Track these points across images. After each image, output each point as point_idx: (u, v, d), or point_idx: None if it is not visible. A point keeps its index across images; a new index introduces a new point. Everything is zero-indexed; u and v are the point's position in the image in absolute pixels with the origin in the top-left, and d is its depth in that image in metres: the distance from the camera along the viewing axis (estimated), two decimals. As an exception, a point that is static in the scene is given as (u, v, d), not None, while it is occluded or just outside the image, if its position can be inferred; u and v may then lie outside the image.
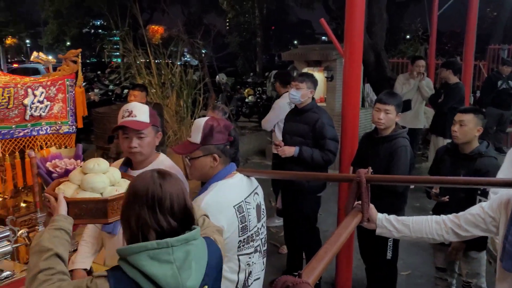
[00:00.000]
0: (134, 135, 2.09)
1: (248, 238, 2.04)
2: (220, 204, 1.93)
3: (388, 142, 3.12)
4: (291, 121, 3.80)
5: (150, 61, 6.80)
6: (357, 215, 1.98)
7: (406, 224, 1.95)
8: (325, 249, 1.60)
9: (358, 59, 3.40)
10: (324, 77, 7.26)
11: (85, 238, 2.28)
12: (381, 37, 8.12)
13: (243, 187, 2.09)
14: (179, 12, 19.01)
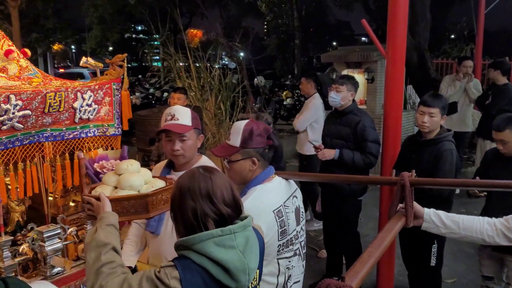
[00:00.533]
0: (176, 138, 2.11)
1: (287, 242, 2.03)
2: (259, 209, 1.92)
3: (432, 146, 3.03)
4: (332, 123, 3.76)
5: (189, 64, 6.92)
6: (401, 219, 1.93)
7: (456, 221, 1.89)
8: (369, 253, 1.57)
9: (400, 60, 3.32)
10: (364, 78, 7.15)
11: (130, 237, 2.34)
12: (425, 37, 7.91)
13: (281, 191, 2.09)
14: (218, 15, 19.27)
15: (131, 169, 1.84)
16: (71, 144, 2.43)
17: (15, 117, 2.05)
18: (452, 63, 10.28)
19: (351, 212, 3.76)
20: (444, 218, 1.91)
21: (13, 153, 2.13)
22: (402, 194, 1.96)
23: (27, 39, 18.79)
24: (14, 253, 2.16)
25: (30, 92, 2.10)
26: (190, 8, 19.10)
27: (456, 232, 1.89)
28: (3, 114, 1.99)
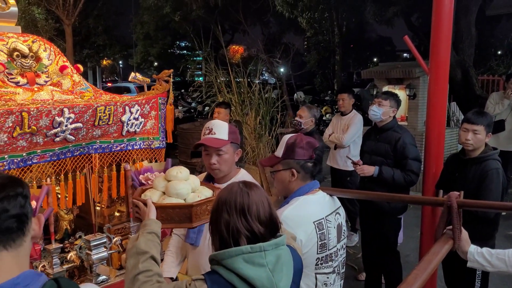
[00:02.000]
0: (213, 152, 2.15)
1: (326, 257, 2.02)
2: (300, 218, 1.95)
3: (477, 164, 2.94)
4: (371, 139, 3.73)
5: (230, 79, 7.06)
6: (448, 242, 1.88)
7: (502, 258, 1.80)
8: (415, 275, 1.55)
9: (444, 77, 3.26)
10: (406, 95, 7.03)
11: (171, 249, 2.39)
12: (469, 53, 7.71)
13: (324, 205, 2.09)
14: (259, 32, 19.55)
15: (180, 176, 1.88)
16: (118, 156, 2.54)
17: (68, 129, 2.16)
18: (499, 79, 9.92)
19: (391, 231, 3.68)
20: (488, 256, 1.83)
21: (64, 164, 2.24)
22: (449, 215, 1.92)
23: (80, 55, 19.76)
24: (62, 260, 2.25)
25: (82, 105, 2.22)
26: (232, 25, 19.49)
27: (504, 270, 1.81)
28: (57, 126, 2.10)
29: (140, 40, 22.92)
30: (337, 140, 5.03)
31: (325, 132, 5.40)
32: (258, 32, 19.21)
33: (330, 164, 5.26)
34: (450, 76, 7.33)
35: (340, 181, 5.07)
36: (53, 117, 2.08)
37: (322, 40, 17.39)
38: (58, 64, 2.53)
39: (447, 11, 3.15)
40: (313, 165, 2.09)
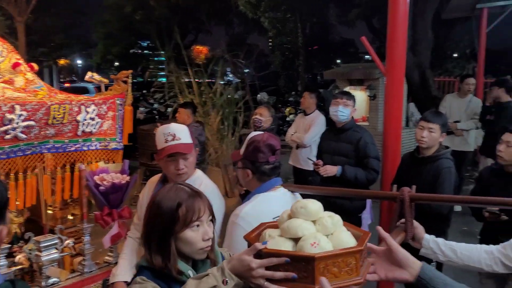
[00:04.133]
0: (180, 157, 2.13)
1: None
2: (259, 214, 1.94)
3: (431, 163, 3.04)
4: (331, 140, 3.76)
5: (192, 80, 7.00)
6: (400, 234, 1.93)
7: (454, 250, 1.85)
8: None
9: (400, 78, 3.35)
10: (366, 96, 7.19)
11: (125, 252, 2.35)
12: (426, 55, 7.98)
13: (285, 201, 2.10)
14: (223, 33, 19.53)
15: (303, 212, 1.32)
16: (72, 157, 2.46)
17: (19, 127, 2.09)
18: (454, 81, 10.33)
19: (352, 229, 3.75)
20: (442, 246, 1.86)
21: (14, 163, 2.16)
22: (402, 209, 1.97)
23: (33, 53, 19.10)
24: (9, 264, 2.17)
25: (35, 103, 2.15)
26: (196, 25, 19.37)
27: (454, 261, 1.84)
28: (7, 123, 2.03)
29: (100, 39, 22.39)
30: (299, 139, 5.08)
31: (288, 131, 5.44)
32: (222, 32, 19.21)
33: (292, 163, 5.30)
34: (408, 77, 7.58)
35: (302, 181, 5.11)
36: (3, 113, 2.01)
37: (286, 41, 17.57)
38: (11, 62, 2.44)
39: (402, 14, 3.24)
40: (271, 168, 2.08)
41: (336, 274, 1.16)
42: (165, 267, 1.37)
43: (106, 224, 2.42)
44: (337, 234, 1.27)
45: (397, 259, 1.26)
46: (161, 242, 1.39)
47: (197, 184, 2.25)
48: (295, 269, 1.16)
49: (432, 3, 7.85)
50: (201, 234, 1.40)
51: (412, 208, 1.96)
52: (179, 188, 1.45)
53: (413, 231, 1.93)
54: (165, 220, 1.38)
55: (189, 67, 7.10)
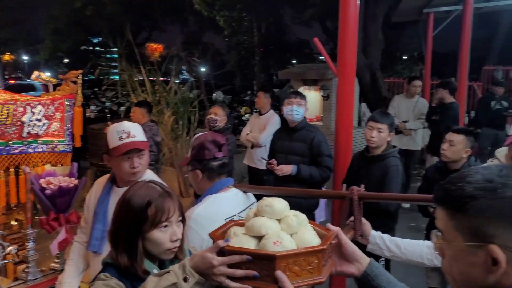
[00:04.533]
0: (135, 155, 2.10)
1: (240, 252, 2.04)
2: (211, 216, 1.94)
3: (379, 162, 3.15)
4: (284, 139, 3.79)
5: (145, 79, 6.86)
6: (349, 232, 1.99)
7: (398, 245, 1.91)
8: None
9: (351, 78, 3.44)
10: (320, 96, 7.34)
11: (72, 257, 2.26)
12: (377, 57, 8.23)
13: (237, 202, 2.11)
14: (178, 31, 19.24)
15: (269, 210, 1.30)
16: (17, 159, 2.36)
17: (-44, 129, 1.97)
18: (403, 82, 10.73)
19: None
20: (387, 242, 1.92)
21: (-48, 167, 2.04)
22: (351, 208, 2.02)
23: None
24: None
25: (-26, 104, 2.03)
26: (150, 22, 19.01)
27: (398, 256, 1.90)
28: None
29: (49, 35, 21.47)
30: (254, 139, 5.10)
31: (243, 131, 5.45)
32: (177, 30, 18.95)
33: (247, 163, 5.32)
34: (359, 78, 7.77)
35: (257, 180, 5.14)
36: None
37: (242, 40, 17.60)
38: None
39: (353, 17, 3.32)
40: (219, 165, 2.08)
41: (297, 273, 1.15)
42: (131, 266, 1.35)
43: (52, 229, 2.33)
44: (301, 233, 1.26)
45: (346, 253, 1.27)
46: (128, 240, 1.37)
47: None
48: (257, 267, 1.15)
49: (382, 7, 8.12)
50: (169, 235, 1.39)
51: (361, 207, 2.02)
52: (150, 186, 1.44)
53: (361, 229, 1.98)
54: (134, 219, 1.37)
55: (141, 65, 6.95)
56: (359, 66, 7.47)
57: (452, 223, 0.92)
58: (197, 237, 1.89)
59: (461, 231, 0.90)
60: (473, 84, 11.30)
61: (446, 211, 0.94)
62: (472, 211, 0.88)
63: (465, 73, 7.17)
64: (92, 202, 2.21)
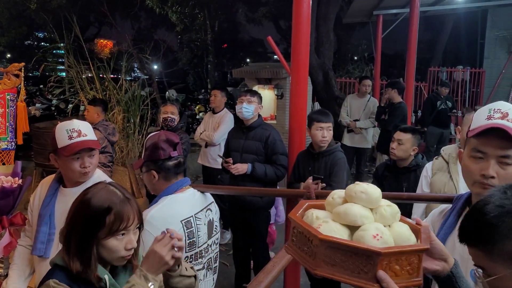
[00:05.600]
0: (86, 155, 2.03)
1: (196, 255, 2.01)
2: (166, 218, 1.91)
3: (326, 157, 3.24)
4: (239, 138, 3.78)
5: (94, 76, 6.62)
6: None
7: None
8: (273, 263, 1.61)
9: (304, 77, 3.47)
10: (274, 94, 7.37)
11: (16, 262, 2.14)
12: (329, 57, 8.39)
13: (194, 202, 2.08)
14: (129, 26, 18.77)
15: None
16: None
17: None
18: (355, 82, 11.02)
19: (263, 225, 3.83)
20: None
21: None
22: (308, 206, 2.03)
23: None
24: None
25: None
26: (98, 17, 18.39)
27: None
28: None
29: (-11, 28, 20.26)
30: (208, 138, 5.05)
31: (197, 130, 5.39)
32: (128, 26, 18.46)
33: (201, 162, 5.26)
34: (312, 78, 7.87)
35: (211, 179, 5.10)
36: None
37: (195, 38, 17.41)
38: None
39: (306, 17, 3.35)
40: (175, 164, 2.04)
41: (397, 272, 1.03)
42: (83, 272, 1.28)
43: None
44: (396, 227, 1.13)
45: (434, 251, 1.18)
46: (81, 245, 1.30)
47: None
48: (351, 262, 1.01)
49: (334, 8, 8.28)
50: (125, 243, 1.34)
51: (318, 205, 2.03)
52: (111, 190, 1.37)
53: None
54: (90, 224, 1.30)
55: (90, 61, 6.70)
56: (312, 65, 7.60)
57: (488, 257, 0.94)
58: (151, 239, 1.83)
59: (500, 261, 0.93)
60: (419, 85, 11.79)
61: (477, 249, 0.96)
62: (499, 239, 0.91)
63: (412, 74, 7.45)
64: (37, 204, 2.12)
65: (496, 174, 1.33)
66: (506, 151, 1.32)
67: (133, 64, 10.28)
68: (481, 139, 1.35)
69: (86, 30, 18.93)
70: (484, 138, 1.34)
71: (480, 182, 1.35)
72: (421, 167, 2.96)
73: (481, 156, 1.36)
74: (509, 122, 1.32)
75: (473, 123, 1.40)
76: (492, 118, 1.34)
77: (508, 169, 1.33)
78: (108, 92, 6.57)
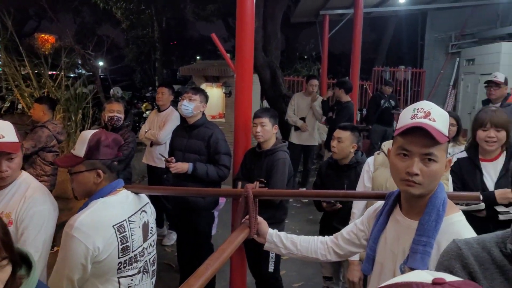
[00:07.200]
0: (3, 158, 1.89)
1: (130, 259, 1.93)
2: (97, 224, 1.80)
3: (269, 156, 3.24)
4: (182, 137, 3.71)
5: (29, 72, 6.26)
6: (244, 230, 1.97)
7: (294, 242, 1.93)
8: (206, 265, 1.57)
9: (249, 75, 3.44)
10: (223, 92, 7.31)
11: None
12: (277, 55, 8.44)
13: (128, 205, 1.98)
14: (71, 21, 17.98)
15: None
16: None
17: None
18: (303, 80, 11.18)
19: (206, 225, 3.78)
20: (284, 240, 1.94)
21: None
22: (246, 205, 2.00)
23: None
24: None
25: None
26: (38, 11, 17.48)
27: (294, 252, 1.92)
28: None
29: None
30: (153, 136, 4.92)
31: (141, 128, 5.24)
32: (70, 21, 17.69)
33: (146, 162, 5.12)
34: (260, 76, 7.89)
35: (157, 179, 4.97)
36: None
37: (141, 34, 16.96)
38: None
39: (250, 15, 3.33)
40: (118, 164, 1.98)
41: None
42: None
43: None
44: None
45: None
46: None
47: (23, 187, 2.01)
48: None
49: (281, 6, 8.33)
50: None
51: (256, 205, 2.01)
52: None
53: (256, 227, 1.98)
54: None
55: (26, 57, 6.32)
56: (260, 63, 7.61)
57: None
58: (80, 246, 1.74)
59: None
60: (364, 84, 12.16)
61: None
62: None
63: (356, 73, 7.64)
64: None
65: (420, 172, 1.37)
66: (428, 149, 1.36)
67: (77, 60, 9.83)
68: (405, 138, 1.39)
69: (24, 24, 17.91)
70: (409, 137, 1.39)
71: (405, 179, 1.40)
72: (361, 164, 3.03)
73: (406, 154, 1.40)
74: (431, 121, 1.37)
75: (399, 122, 1.45)
76: (416, 117, 1.39)
77: (431, 166, 1.38)
78: (47, 89, 6.24)
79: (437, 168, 1.38)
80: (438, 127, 1.37)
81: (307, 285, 4.19)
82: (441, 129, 1.37)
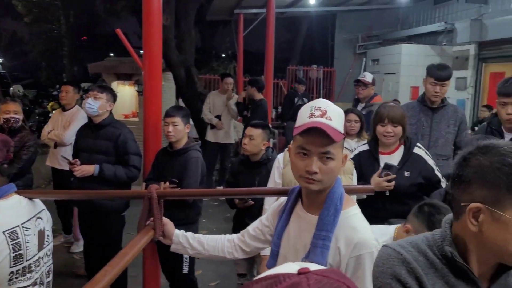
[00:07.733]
0: None
1: (24, 269, 1.81)
2: None
3: (181, 155, 3.19)
4: (88, 137, 3.51)
5: None
6: (149, 232, 1.91)
7: (201, 242, 1.89)
8: (104, 272, 1.50)
9: (157, 73, 3.36)
10: (135, 91, 7.08)
11: None
12: (191, 53, 8.35)
13: (21, 211, 1.86)
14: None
15: None
16: None
17: None
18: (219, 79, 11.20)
19: (116, 228, 3.62)
20: (190, 240, 1.89)
21: None
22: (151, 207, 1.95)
23: None
24: None
25: None
26: None
27: (202, 252, 1.88)
28: None
29: None
30: (57, 137, 4.61)
31: (44, 129, 4.89)
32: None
33: (51, 164, 4.79)
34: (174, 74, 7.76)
35: (63, 183, 4.67)
36: None
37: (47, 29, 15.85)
38: None
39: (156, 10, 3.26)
40: (10, 167, 1.83)
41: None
42: None
43: None
44: None
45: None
46: None
47: None
48: None
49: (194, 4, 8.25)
50: None
51: (161, 206, 1.96)
52: None
53: (162, 229, 1.93)
54: None
55: None
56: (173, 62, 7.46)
57: None
58: None
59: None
60: (279, 82, 12.48)
61: None
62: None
63: (270, 71, 7.81)
64: None
65: (318, 170, 1.42)
66: (325, 148, 1.42)
67: (-30, 55, 8.94)
68: (304, 138, 1.44)
69: None
70: (307, 137, 1.43)
71: (305, 177, 1.44)
72: (272, 161, 3.09)
73: (306, 153, 1.44)
74: (328, 119, 1.42)
75: (298, 120, 1.48)
76: (313, 116, 1.43)
77: (329, 163, 1.44)
78: None
79: (334, 165, 1.44)
80: (334, 125, 1.42)
81: (223, 283, 4.19)
82: (337, 127, 1.43)
